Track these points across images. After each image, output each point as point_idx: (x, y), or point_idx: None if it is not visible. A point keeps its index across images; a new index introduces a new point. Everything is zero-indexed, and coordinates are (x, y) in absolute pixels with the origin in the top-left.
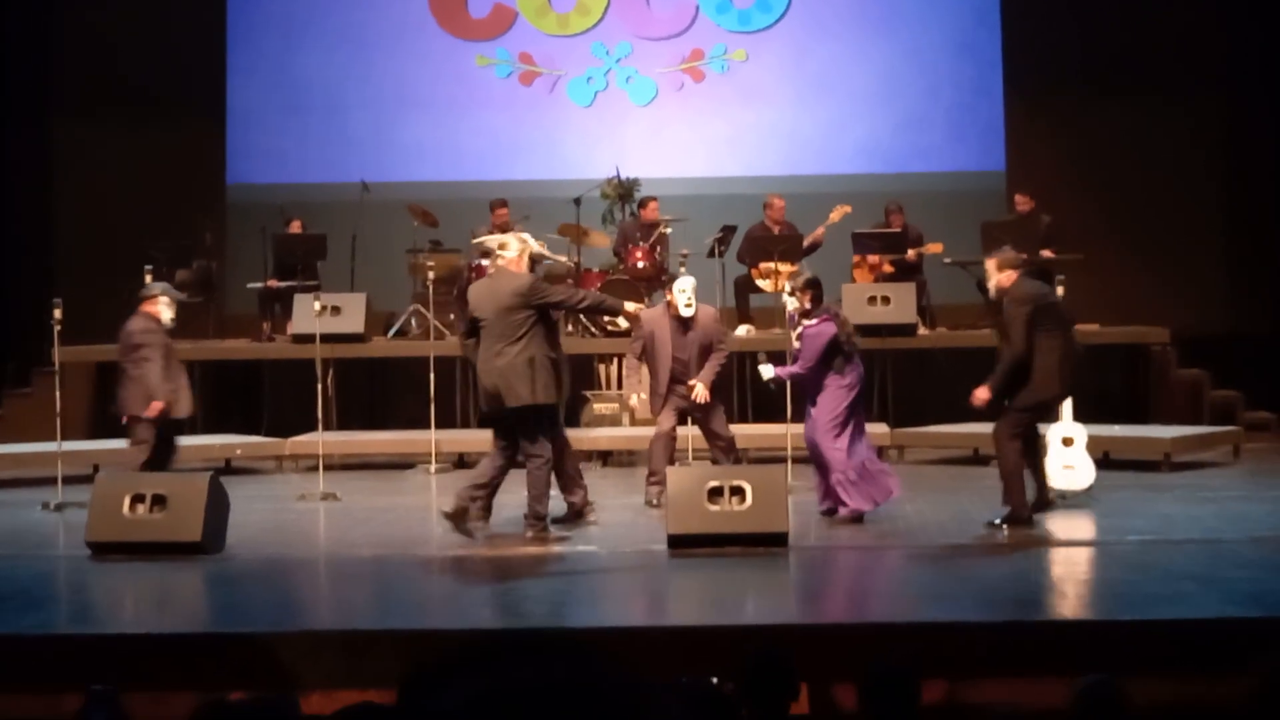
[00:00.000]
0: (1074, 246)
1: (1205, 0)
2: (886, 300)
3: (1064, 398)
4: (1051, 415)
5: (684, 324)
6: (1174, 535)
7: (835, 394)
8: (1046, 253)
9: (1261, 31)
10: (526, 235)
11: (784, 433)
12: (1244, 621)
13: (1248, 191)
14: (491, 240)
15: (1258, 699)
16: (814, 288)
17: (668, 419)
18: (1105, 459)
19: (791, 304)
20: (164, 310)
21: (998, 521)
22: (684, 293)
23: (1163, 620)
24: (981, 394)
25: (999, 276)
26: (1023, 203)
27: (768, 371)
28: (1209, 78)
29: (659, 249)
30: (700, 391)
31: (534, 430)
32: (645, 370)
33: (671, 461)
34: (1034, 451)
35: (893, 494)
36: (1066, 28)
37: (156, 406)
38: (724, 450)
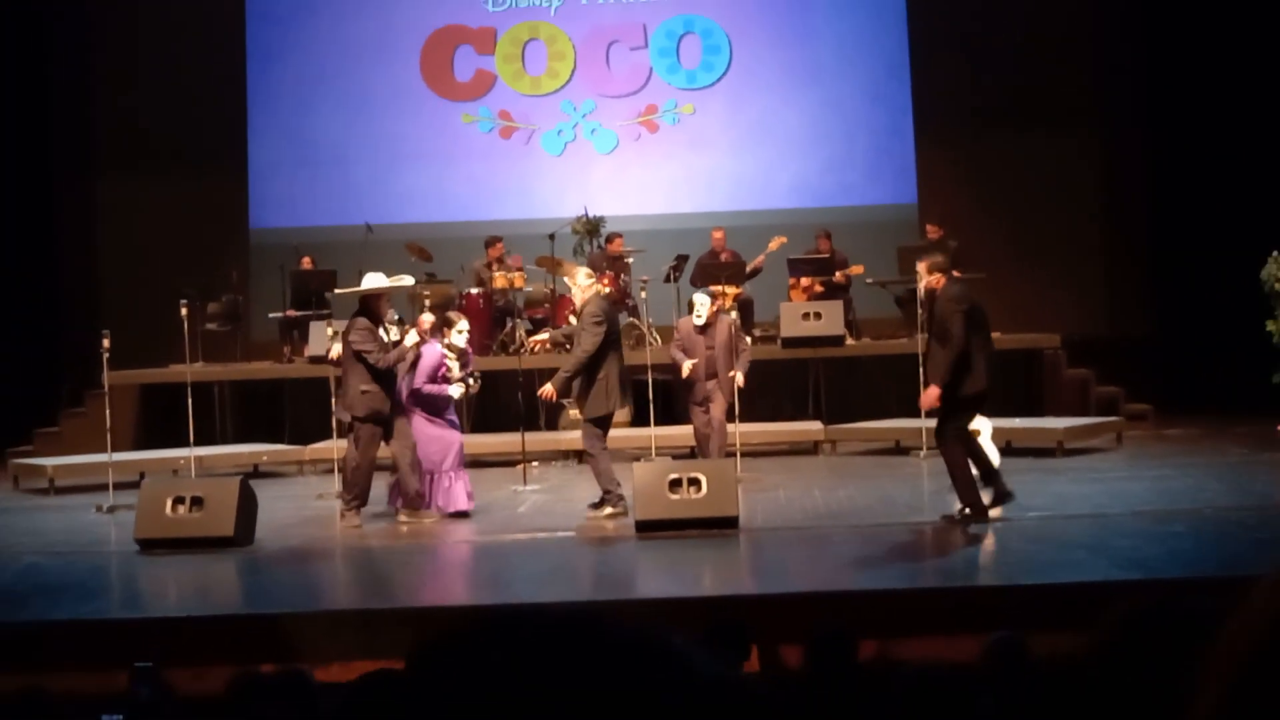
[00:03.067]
0: (977, 267)
1: (1079, 52)
2: (819, 316)
3: (988, 393)
4: (982, 410)
5: (701, 331)
6: (1067, 511)
7: None
8: (955, 273)
9: (1127, 71)
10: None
11: (733, 430)
12: (1128, 583)
13: (1122, 213)
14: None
15: (1104, 646)
16: None
17: (700, 415)
18: (1008, 447)
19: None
20: None
21: (957, 515)
22: (694, 307)
23: (1059, 584)
24: (933, 394)
25: (929, 279)
26: (933, 231)
27: None
28: (1086, 115)
29: (623, 277)
30: (739, 379)
31: None
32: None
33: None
34: (974, 444)
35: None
36: (965, 81)
37: None
38: (717, 433)
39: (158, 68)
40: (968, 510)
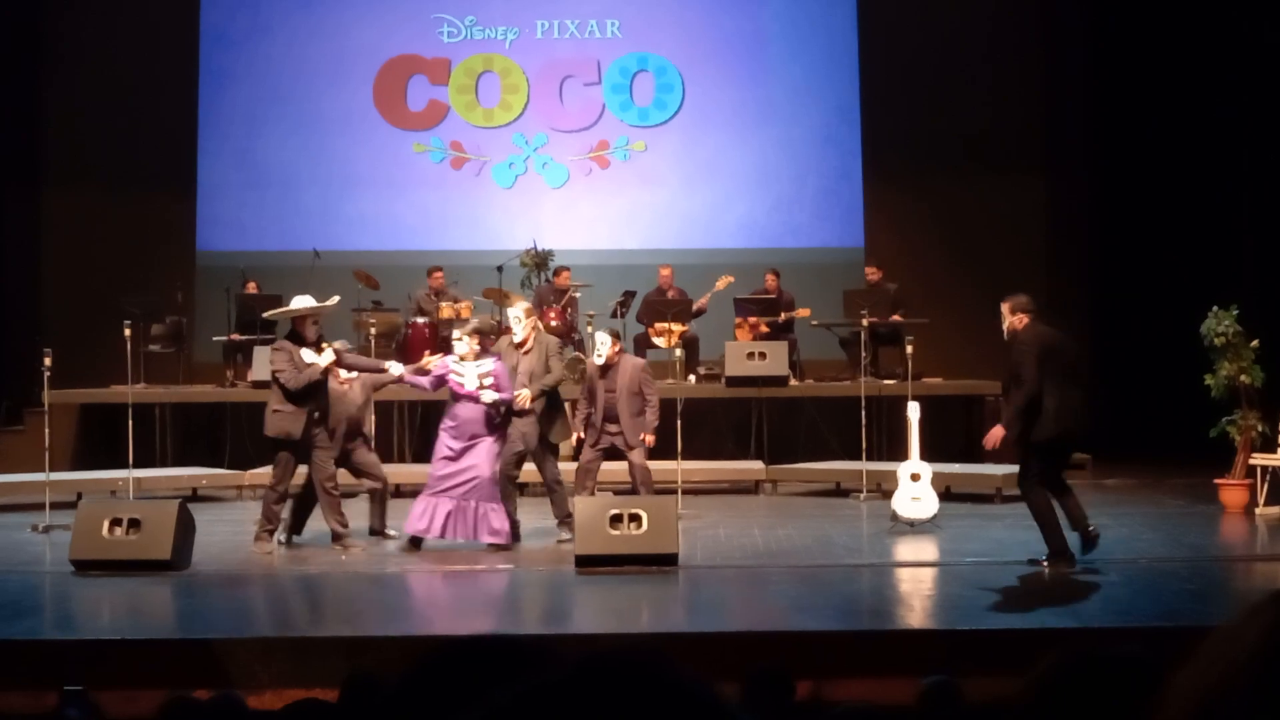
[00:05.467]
0: (921, 310)
1: (1025, 102)
2: (763, 356)
3: (1064, 438)
4: (1062, 456)
5: (603, 373)
6: (1004, 557)
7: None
8: (896, 316)
9: (1072, 122)
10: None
11: (675, 467)
12: (1062, 630)
13: (1065, 265)
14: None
15: (1037, 692)
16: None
17: (589, 453)
18: (947, 492)
19: (463, 347)
20: None
21: (1042, 560)
22: (595, 345)
23: (994, 629)
24: (997, 433)
25: (1011, 319)
26: (872, 273)
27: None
28: (1031, 164)
29: (569, 311)
30: (648, 439)
31: None
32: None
33: (591, 490)
34: (1064, 490)
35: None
36: (914, 127)
37: None
38: (641, 480)
39: (108, 85)
40: (1050, 557)
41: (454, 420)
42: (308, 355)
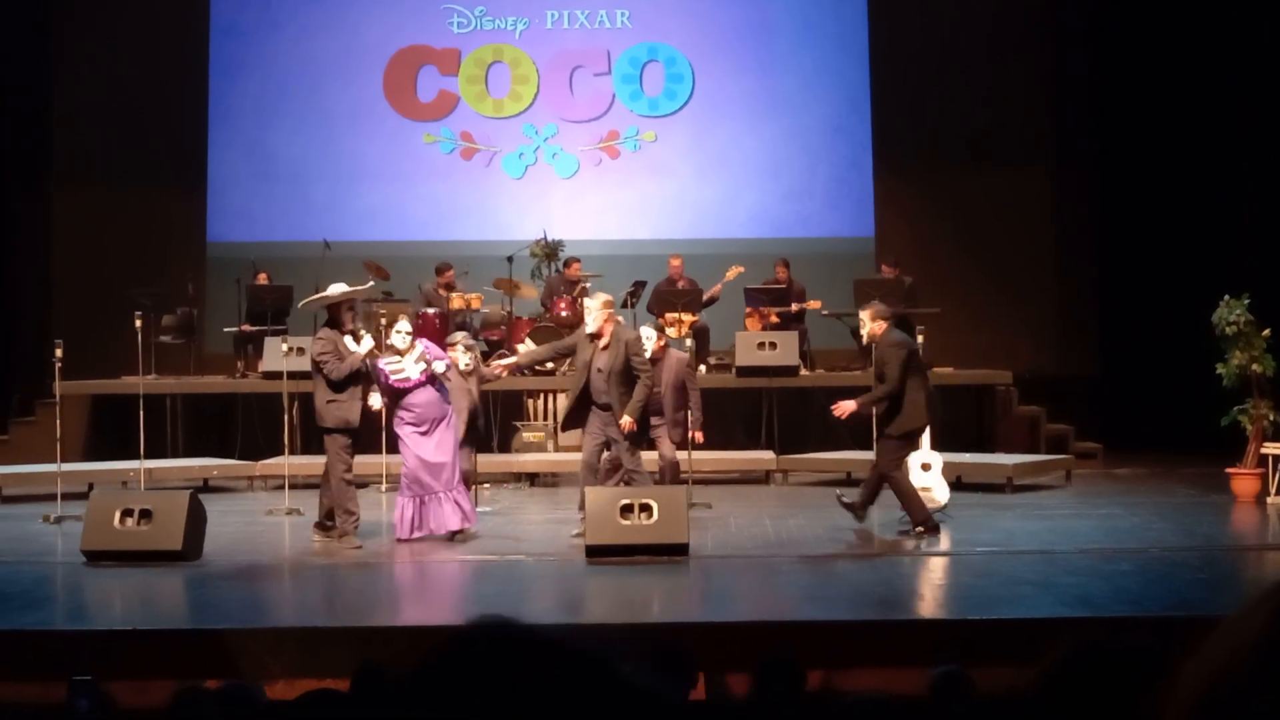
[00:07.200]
0: (931, 302)
1: (1034, 95)
2: (774, 346)
3: (926, 428)
4: (916, 443)
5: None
6: (1015, 547)
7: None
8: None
9: (1080, 114)
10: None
11: (686, 457)
12: (1073, 620)
13: (1074, 255)
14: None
15: (1047, 681)
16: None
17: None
18: (958, 482)
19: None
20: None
21: (912, 530)
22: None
23: (1005, 619)
24: (848, 405)
25: (872, 326)
26: (888, 271)
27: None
28: (1040, 156)
29: (579, 301)
30: (698, 436)
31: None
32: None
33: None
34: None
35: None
36: (924, 117)
37: None
38: (671, 477)
39: (118, 79)
40: (920, 528)
41: (411, 411)
42: (350, 344)
